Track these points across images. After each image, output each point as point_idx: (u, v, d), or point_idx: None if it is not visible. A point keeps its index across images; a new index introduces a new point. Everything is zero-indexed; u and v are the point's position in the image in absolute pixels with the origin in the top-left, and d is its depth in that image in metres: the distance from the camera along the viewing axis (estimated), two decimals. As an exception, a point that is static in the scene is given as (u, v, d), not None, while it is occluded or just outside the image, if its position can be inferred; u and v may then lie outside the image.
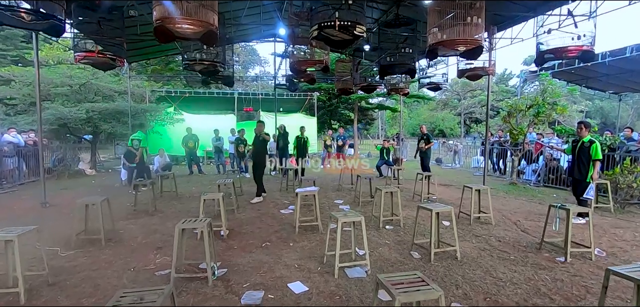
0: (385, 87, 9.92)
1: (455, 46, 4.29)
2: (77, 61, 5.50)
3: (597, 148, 5.73)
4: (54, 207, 6.78)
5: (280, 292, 3.38)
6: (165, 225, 5.59)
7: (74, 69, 11.82)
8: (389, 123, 40.99)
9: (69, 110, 10.26)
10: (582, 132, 5.97)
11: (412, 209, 6.93)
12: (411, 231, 5.45)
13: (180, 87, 19.88)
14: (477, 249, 4.65)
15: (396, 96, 18.06)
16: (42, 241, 4.63)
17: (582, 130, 5.99)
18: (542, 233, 4.74)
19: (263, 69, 43.45)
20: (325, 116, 21.75)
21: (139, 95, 14.74)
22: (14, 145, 9.54)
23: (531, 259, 4.29)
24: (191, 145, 12.13)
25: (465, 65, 6.72)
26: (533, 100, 8.81)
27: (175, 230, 3.50)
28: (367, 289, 3.46)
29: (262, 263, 4.12)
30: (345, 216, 3.97)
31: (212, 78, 7.93)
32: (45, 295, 3.28)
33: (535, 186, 9.96)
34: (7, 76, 11.74)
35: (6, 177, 9.27)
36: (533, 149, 10.29)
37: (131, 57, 11.07)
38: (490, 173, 11.84)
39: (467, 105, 35.29)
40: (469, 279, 3.71)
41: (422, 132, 10.46)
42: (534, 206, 7.43)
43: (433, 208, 4.21)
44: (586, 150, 5.85)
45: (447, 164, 15.87)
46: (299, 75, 7.39)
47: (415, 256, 4.37)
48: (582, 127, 6.01)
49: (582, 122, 6.16)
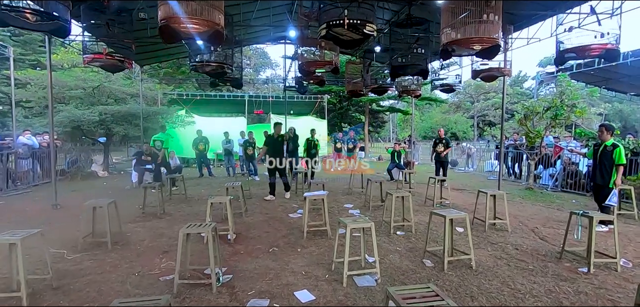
0: (397, 89, 9.73)
1: (470, 45, 4.10)
2: (85, 63, 5.52)
3: (620, 152, 5.44)
4: (65, 209, 6.82)
5: (286, 301, 3.26)
6: (172, 228, 5.53)
7: (88, 72, 12.01)
8: (400, 126, 40.60)
9: (83, 112, 10.40)
10: (604, 135, 5.68)
11: (424, 215, 6.73)
12: (423, 237, 5.28)
13: (192, 90, 20.05)
14: (493, 258, 4.44)
15: (408, 98, 17.84)
16: (49, 243, 4.65)
17: (603, 133, 5.70)
18: (562, 242, 4.49)
19: (274, 72, 43.62)
20: (336, 119, 21.63)
21: (151, 98, 14.90)
22: (28, 147, 9.70)
23: (551, 270, 4.06)
24: (201, 148, 12.15)
25: (480, 66, 6.49)
26: (551, 102, 8.50)
27: (180, 235, 3.41)
28: (376, 299, 3.31)
29: (268, 269, 4.00)
30: (354, 222, 3.83)
31: (220, 80, 7.90)
32: (48, 299, 3.23)
33: (552, 190, 9.62)
34: (24, 79, 11.99)
35: (21, 178, 9.43)
36: (551, 153, 9.93)
37: (143, 60, 11.17)
38: (505, 177, 11.51)
39: (480, 108, 34.70)
40: (485, 290, 3.51)
41: (440, 136, 10.22)
42: (552, 212, 7.13)
43: (446, 214, 4.02)
44: (609, 155, 5.56)
45: (461, 167, 15.54)
46: (308, 76, 7.28)
47: (428, 264, 4.19)
48: (604, 130, 5.73)
49: (604, 125, 5.87)
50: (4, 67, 16.13)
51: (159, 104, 15.29)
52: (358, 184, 9.85)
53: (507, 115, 30.42)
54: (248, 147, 11.88)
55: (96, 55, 5.13)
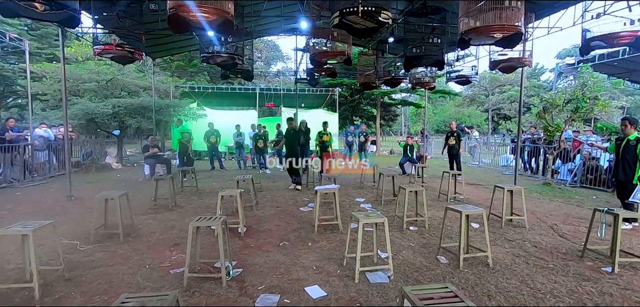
0: (410, 81, 9.52)
1: (491, 33, 3.90)
2: (95, 55, 5.52)
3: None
4: (79, 200, 6.90)
5: (297, 297, 3.19)
6: (183, 221, 5.53)
7: (101, 65, 12.13)
8: (412, 119, 40.11)
9: (96, 105, 10.52)
10: (628, 129, 5.41)
11: (438, 209, 6.59)
12: (437, 232, 5.15)
13: (204, 83, 20.12)
14: (511, 255, 4.29)
15: (421, 91, 17.53)
16: (63, 234, 4.70)
17: (627, 127, 5.43)
18: (585, 240, 4.30)
19: (285, 64, 43.51)
20: (347, 112, 21.42)
21: (163, 91, 15.00)
22: (44, 140, 9.88)
23: (573, 269, 3.89)
24: (213, 141, 12.19)
25: (499, 56, 6.24)
26: (572, 95, 8.17)
27: (189, 228, 3.37)
28: (390, 297, 3.21)
29: (279, 263, 3.94)
30: (367, 217, 3.73)
31: (231, 72, 7.85)
32: (60, 291, 3.24)
33: (571, 186, 9.31)
34: (40, 73, 12.18)
35: (37, 170, 9.61)
36: (571, 147, 9.60)
37: (154, 53, 11.22)
38: (521, 172, 11.19)
39: (495, 101, 33.94)
40: (503, 289, 3.38)
41: (452, 129, 10.00)
42: (572, 209, 6.89)
43: (462, 210, 3.88)
44: (632, 150, 5.31)
45: (474, 162, 15.22)
46: (320, 68, 7.15)
47: (443, 261, 4.06)
48: (627, 124, 5.46)
49: (627, 119, 5.59)
50: (21, 60, 16.47)
51: (171, 97, 15.38)
52: (370, 178, 9.72)
53: (523, 109, 29.69)
54: (259, 141, 11.85)
55: (106, 47, 5.11)
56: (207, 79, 22.02)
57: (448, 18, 6.04)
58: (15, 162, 8.77)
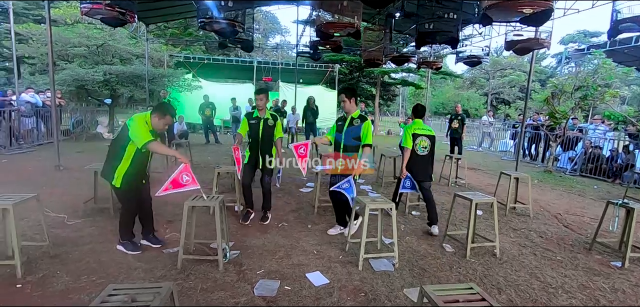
0: (417, 60, 9.18)
1: (519, 8, 3.60)
2: (82, 14, 5.13)
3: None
4: (67, 171, 6.62)
5: (298, 284, 3.01)
6: (177, 196, 5.28)
7: (91, 29, 11.56)
8: (410, 100, 39.75)
9: (86, 71, 10.06)
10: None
11: (439, 194, 6.43)
12: (439, 218, 4.97)
13: (199, 53, 19.49)
14: (517, 245, 4.16)
15: (422, 71, 17.15)
16: (50, 206, 4.45)
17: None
18: (594, 232, 4.18)
19: (284, 38, 42.46)
20: (346, 90, 21.02)
21: (157, 60, 14.45)
22: (31, 105, 9.46)
23: (582, 262, 3.77)
24: (208, 114, 11.83)
25: (514, 36, 5.94)
26: (582, 82, 7.93)
27: (184, 207, 3.15)
28: (395, 286, 3.05)
29: (278, 247, 3.76)
30: (372, 202, 3.53)
31: (230, 41, 7.45)
32: (44, 269, 3.02)
33: (570, 174, 9.23)
34: (26, 34, 11.59)
35: (24, 137, 9.24)
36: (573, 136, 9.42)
37: (148, 18, 10.68)
38: (520, 158, 11.09)
39: (496, 85, 33.65)
40: (513, 282, 3.24)
41: (457, 112, 9.77)
42: (574, 198, 6.80)
43: (473, 198, 3.70)
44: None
45: (472, 145, 15.08)
46: (326, 40, 6.77)
47: (448, 249, 3.92)
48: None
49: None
50: (6, 20, 15.69)
51: (165, 66, 14.86)
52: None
53: (522, 94, 29.46)
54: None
55: (95, 6, 4.71)
56: (202, 49, 21.33)
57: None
58: (1, 128, 8.39)
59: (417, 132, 4.36)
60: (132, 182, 3.33)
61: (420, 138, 4.35)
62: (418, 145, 4.34)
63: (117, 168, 3.26)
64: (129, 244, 3.42)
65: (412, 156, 4.34)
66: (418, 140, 4.34)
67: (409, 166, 4.35)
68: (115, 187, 3.31)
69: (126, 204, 3.40)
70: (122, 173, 3.26)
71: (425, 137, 4.37)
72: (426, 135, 4.38)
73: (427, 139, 4.38)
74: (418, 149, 4.34)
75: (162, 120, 3.33)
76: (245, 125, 4.33)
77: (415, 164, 4.34)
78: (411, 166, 4.35)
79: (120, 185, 3.27)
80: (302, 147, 4.01)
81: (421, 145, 4.34)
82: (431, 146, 4.41)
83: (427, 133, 4.40)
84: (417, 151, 4.34)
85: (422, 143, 4.35)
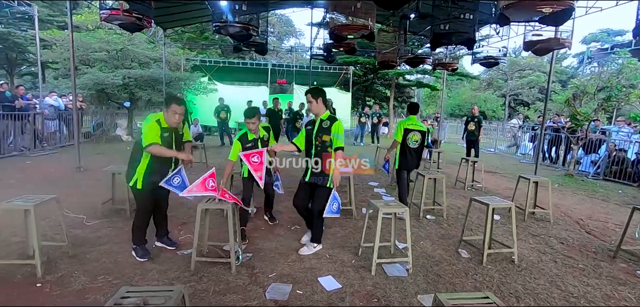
0: (432, 62, 9.05)
1: (538, 8, 3.48)
2: (102, 20, 5.28)
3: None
4: (88, 172, 6.80)
5: (310, 288, 2.99)
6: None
7: (111, 34, 11.90)
8: (425, 102, 39.24)
9: (106, 75, 10.34)
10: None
11: (455, 198, 6.33)
12: (455, 222, 4.92)
13: (216, 57, 19.78)
14: (537, 252, 4.02)
15: (438, 73, 16.91)
16: (70, 207, 4.57)
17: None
18: (619, 239, 4.00)
19: (298, 41, 42.64)
20: (360, 92, 20.92)
21: (173, 64, 14.74)
22: (54, 109, 9.79)
23: (605, 270, 3.61)
24: (223, 116, 11.99)
25: (533, 36, 5.76)
26: (605, 82, 7.64)
27: (198, 210, 3.18)
28: (409, 293, 3.00)
29: (290, 250, 3.75)
30: (386, 206, 3.48)
31: (244, 45, 7.52)
32: (63, 269, 3.10)
33: (593, 178, 8.90)
34: (50, 40, 12.01)
35: (48, 139, 9.57)
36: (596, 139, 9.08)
37: (166, 24, 10.90)
38: (540, 161, 10.77)
39: (514, 86, 32.83)
40: (531, 290, 3.13)
41: (473, 114, 9.59)
42: (597, 204, 6.55)
43: (489, 203, 3.60)
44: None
45: (490, 148, 14.76)
46: (339, 42, 6.73)
47: (464, 254, 3.82)
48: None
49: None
50: (33, 27, 16.34)
51: (182, 69, 15.13)
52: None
53: (542, 95, 28.64)
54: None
55: (113, 11, 4.86)
56: (218, 52, 21.64)
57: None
58: (26, 131, 8.72)
59: (410, 127, 4.77)
60: (152, 184, 3.31)
61: (413, 132, 4.77)
62: (410, 139, 4.77)
63: (137, 169, 3.26)
64: (139, 249, 3.38)
65: (405, 148, 4.79)
66: (410, 134, 4.77)
67: (401, 156, 4.84)
68: (136, 188, 3.28)
69: (142, 206, 3.39)
70: (142, 174, 3.26)
71: (417, 132, 4.80)
72: (418, 130, 4.81)
73: (419, 133, 4.82)
74: (410, 142, 4.77)
75: (168, 111, 3.24)
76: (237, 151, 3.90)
77: (406, 155, 4.82)
78: (403, 156, 4.83)
79: (141, 186, 3.26)
80: (255, 155, 3.55)
81: (413, 139, 4.79)
82: (422, 140, 4.87)
83: (419, 128, 4.82)
84: (409, 144, 4.78)
85: (413, 137, 4.79)
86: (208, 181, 3.25)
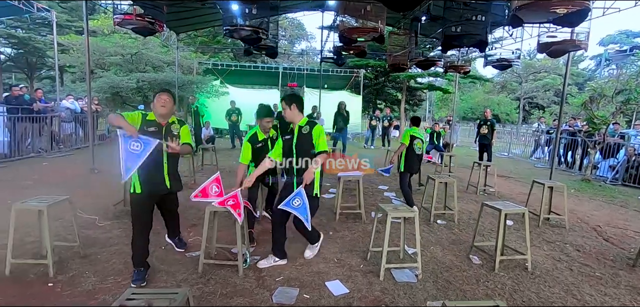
0: (443, 64, 8.94)
1: (552, 8, 3.38)
2: (115, 25, 5.40)
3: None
4: (101, 174, 6.93)
5: (317, 292, 2.97)
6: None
7: (126, 39, 12.16)
8: (437, 105, 38.85)
9: (121, 79, 10.56)
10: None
11: (466, 202, 6.22)
12: (466, 227, 4.82)
13: (227, 60, 19.98)
14: (551, 259, 3.91)
15: (450, 76, 16.71)
16: (83, 208, 4.66)
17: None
18: (639, 247, 3.86)
19: (309, 44, 42.77)
20: (371, 95, 20.83)
21: (186, 67, 14.95)
22: (71, 111, 10.03)
23: (624, 279, 3.48)
24: (234, 119, 12.09)
25: (548, 38, 5.62)
26: (624, 85, 7.41)
27: (206, 213, 3.20)
28: (418, 299, 2.94)
29: (298, 253, 3.73)
30: (395, 210, 3.43)
31: (255, 48, 7.58)
32: (74, 269, 3.16)
33: (611, 184, 8.63)
34: (67, 44, 12.34)
35: (64, 141, 9.81)
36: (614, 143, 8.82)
37: (178, 28, 11.08)
38: (556, 166, 10.51)
39: (528, 89, 32.19)
40: (546, 299, 3.04)
41: (486, 117, 9.43)
42: (615, 210, 6.34)
43: (502, 208, 3.52)
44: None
45: (503, 152, 14.49)
46: (349, 45, 6.71)
47: (475, 261, 3.74)
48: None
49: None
50: (50, 32, 16.83)
51: (194, 73, 15.34)
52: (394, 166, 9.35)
53: (557, 98, 28.00)
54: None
55: (126, 16, 4.96)
56: (230, 56, 21.86)
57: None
58: (43, 133, 8.95)
59: (415, 135, 5.46)
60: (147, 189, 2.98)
61: (417, 140, 5.45)
62: (415, 146, 5.42)
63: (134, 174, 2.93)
64: (135, 272, 2.95)
65: (410, 152, 5.43)
66: (416, 141, 5.43)
67: (407, 160, 5.45)
68: (135, 193, 2.97)
69: (135, 215, 2.99)
70: (136, 178, 2.95)
71: (420, 139, 5.54)
72: (420, 138, 5.56)
73: (421, 141, 5.59)
74: (415, 148, 5.43)
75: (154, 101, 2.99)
76: (249, 153, 3.81)
77: (412, 159, 5.46)
78: (408, 160, 5.46)
79: (140, 190, 2.95)
80: (230, 199, 3.18)
81: (417, 145, 5.46)
82: (422, 148, 5.67)
83: (421, 137, 5.60)
84: (415, 150, 5.44)
85: (418, 144, 5.46)
86: (212, 186, 3.24)
